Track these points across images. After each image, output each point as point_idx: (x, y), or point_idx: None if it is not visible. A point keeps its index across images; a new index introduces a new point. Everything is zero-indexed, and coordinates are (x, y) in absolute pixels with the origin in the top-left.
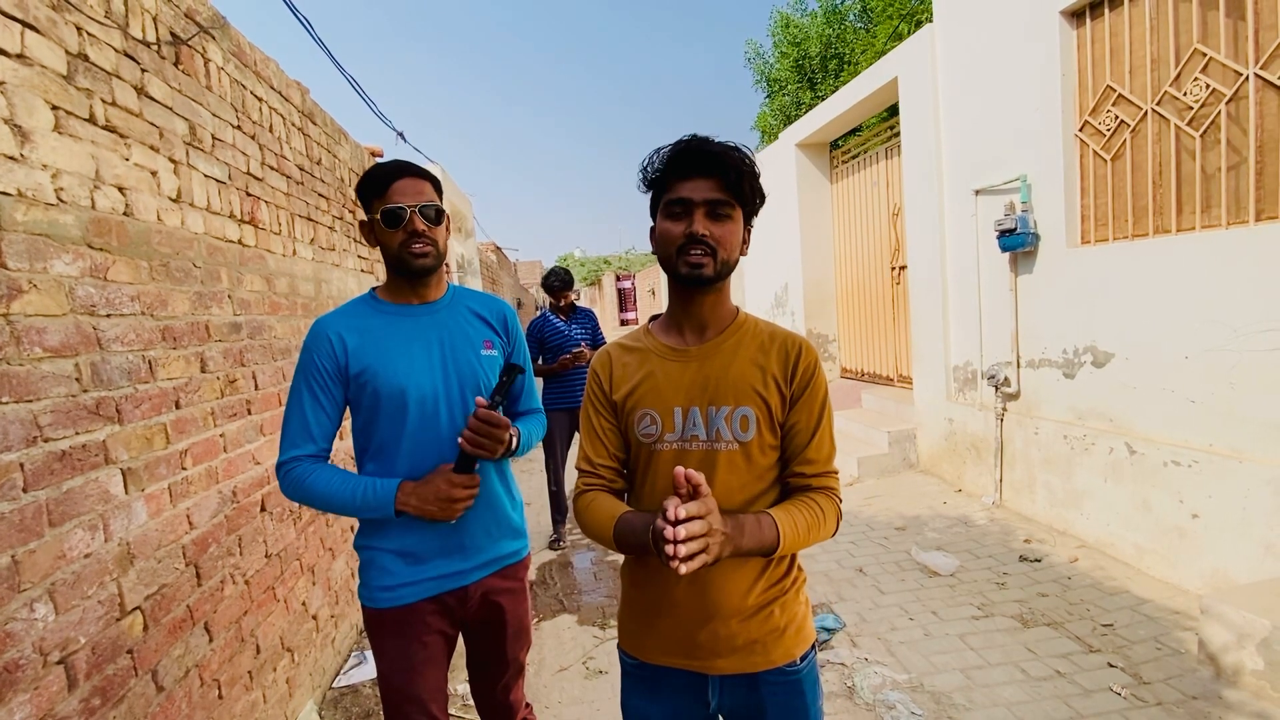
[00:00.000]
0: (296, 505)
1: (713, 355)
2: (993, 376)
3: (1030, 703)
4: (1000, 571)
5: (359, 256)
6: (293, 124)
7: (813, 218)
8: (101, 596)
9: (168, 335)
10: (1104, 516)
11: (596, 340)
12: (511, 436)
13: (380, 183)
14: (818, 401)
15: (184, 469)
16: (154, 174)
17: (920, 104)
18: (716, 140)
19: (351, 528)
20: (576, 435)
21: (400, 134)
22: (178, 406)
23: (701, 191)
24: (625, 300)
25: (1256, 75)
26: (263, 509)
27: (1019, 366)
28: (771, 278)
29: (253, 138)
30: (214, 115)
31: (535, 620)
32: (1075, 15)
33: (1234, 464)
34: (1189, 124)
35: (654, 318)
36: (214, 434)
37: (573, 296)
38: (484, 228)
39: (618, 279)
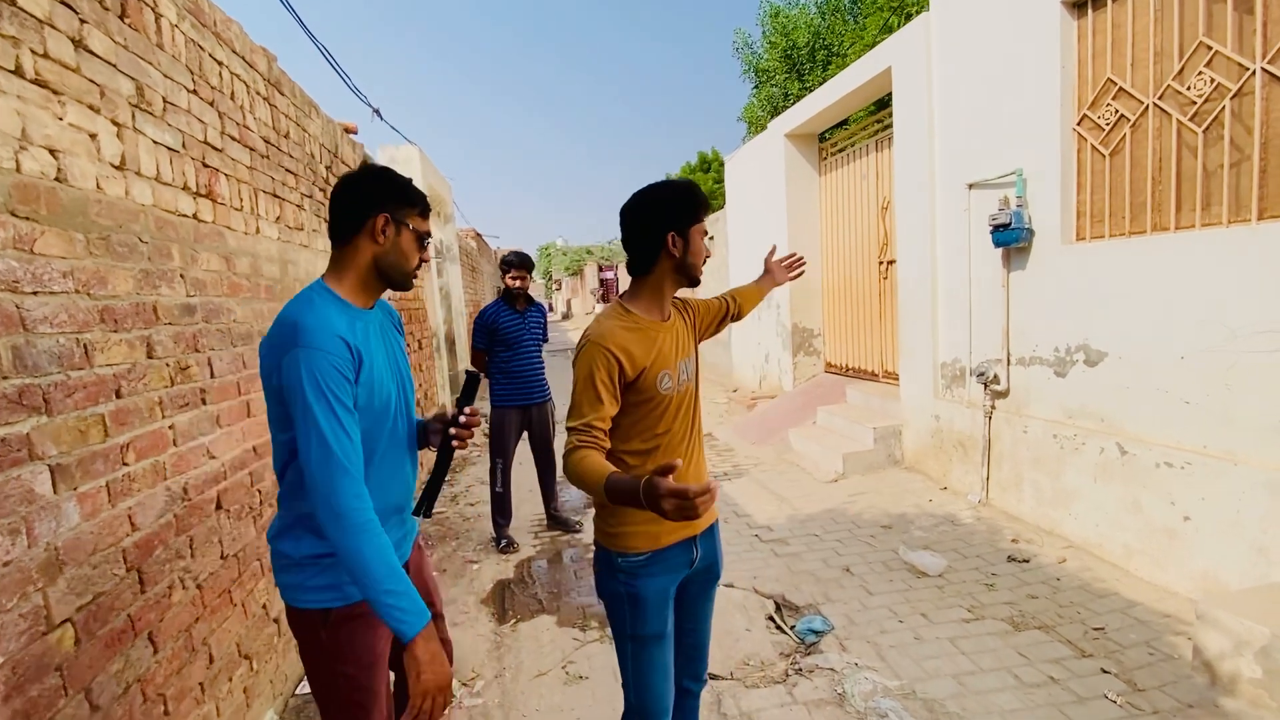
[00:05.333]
0: (257, 502)
1: (675, 324)
2: (982, 374)
3: (1025, 711)
4: (989, 572)
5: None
6: (257, 92)
7: (800, 210)
8: (24, 609)
9: (107, 316)
10: (1093, 517)
11: (545, 338)
12: None
13: (423, 204)
14: (701, 303)
15: (125, 464)
16: (93, 137)
17: (913, 95)
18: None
19: None
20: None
21: (376, 111)
22: (119, 395)
23: (705, 226)
24: (607, 290)
25: (1264, 70)
26: (218, 506)
27: (1009, 364)
28: (756, 269)
29: (211, 104)
30: (166, 77)
31: (512, 622)
32: (1076, 6)
33: (1228, 466)
34: (1191, 119)
35: (621, 297)
36: (162, 426)
37: (529, 283)
38: (464, 213)
39: (600, 269)
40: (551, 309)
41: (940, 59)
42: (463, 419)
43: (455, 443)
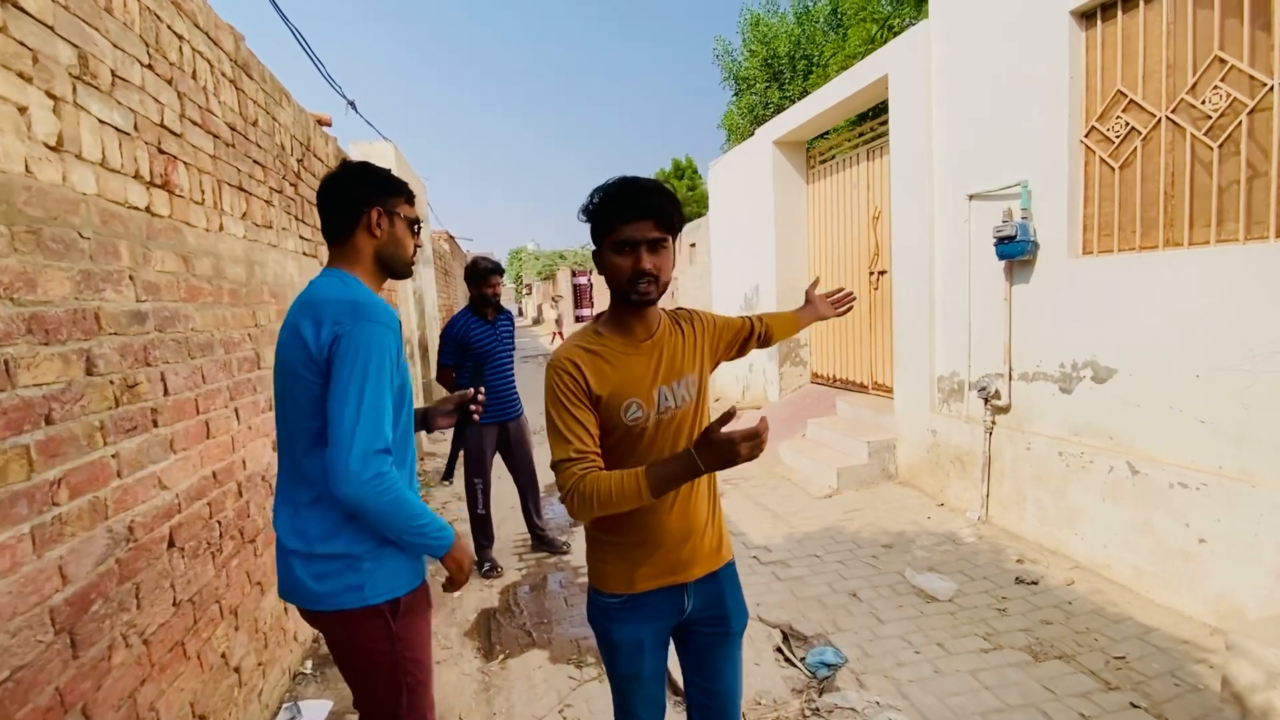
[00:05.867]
0: (217, 536)
1: (660, 345)
2: (983, 388)
3: None
4: (999, 595)
5: (301, 237)
6: (223, 73)
7: (788, 218)
8: None
9: (36, 326)
10: (1101, 537)
11: (513, 346)
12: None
13: (408, 191)
14: (719, 319)
15: (55, 505)
16: (22, 110)
17: (911, 104)
18: (646, 182)
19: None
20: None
21: (351, 103)
22: (49, 422)
23: (643, 231)
24: (581, 296)
25: None
26: (171, 545)
27: (1011, 379)
28: (741, 278)
29: (169, 82)
30: (115, 47)
31: (501, 658)
32: (1085, 16)
33: (1246, 488)
34: (1206, 134)
35: (598, 317)
36: (103, 455)
37: (500, 290)
38: (438, 215)
39: (574, 274)
40: (521, 314)
41: (940, 68)
42: (479, 397)
43: (474, 407)
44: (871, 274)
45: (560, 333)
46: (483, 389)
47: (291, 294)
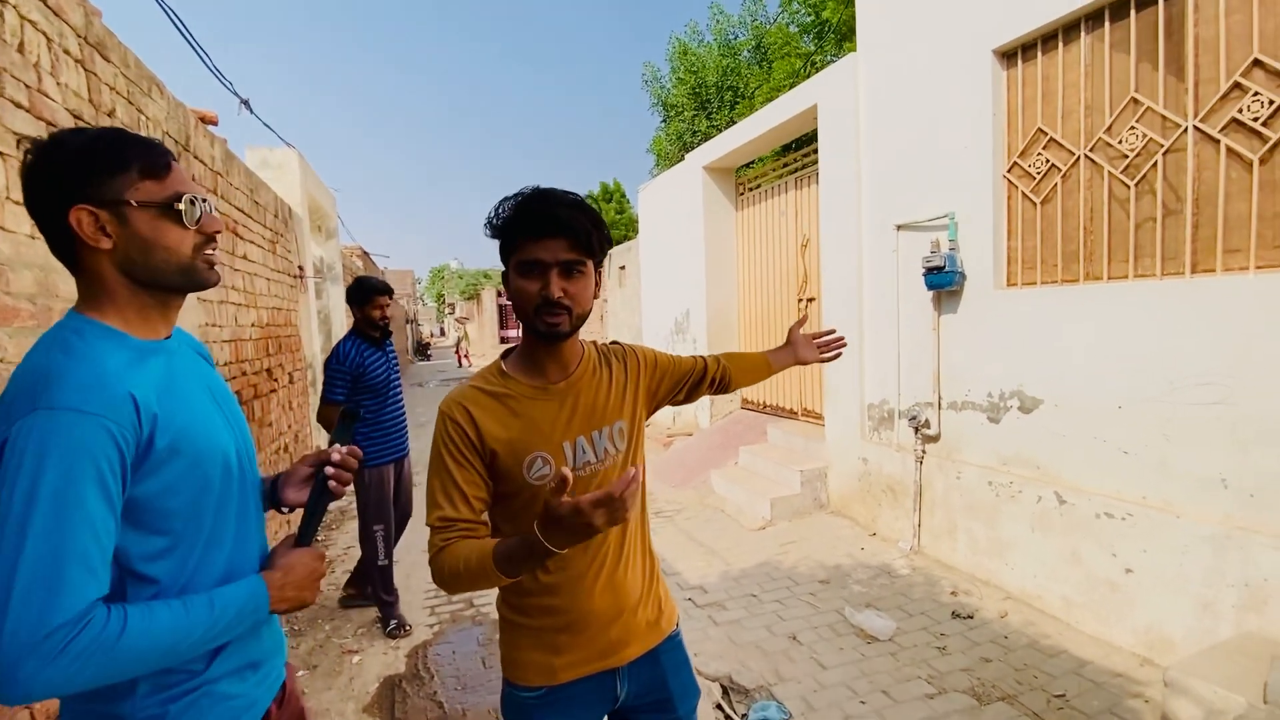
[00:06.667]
0: None
1: (578, 386)
2: (913, 417)
3: None
4: (937, 632)
5: None
6: (66, 50)
7: (718, 243)
8: None
9: None
10: (1031, 567)
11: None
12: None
13: (144, 155)
14: (660, 357)
15: None
16: None
17: (840, 134)
18: (561, 195)
19: None
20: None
21: (244, 102)
22: None
23: (554, 252)
24: (506, 317)
25: (1196, 128)
26: None
27: (940, 408)
28: (671, 302)
29: None
30: None
31: None
32: (1007, 55)
33: (1170, 518)
34: (1123, 172)
35: (506, 354)
36: None
37: (389, 312)
38: (349, 229)
39: (499, 294)
40: (443, 333)
41: (868, 100)
42: (337, 457)
43: (332, 483)
44: (800, 301)
45: (464, 355)
46: (341, 446)
47: None
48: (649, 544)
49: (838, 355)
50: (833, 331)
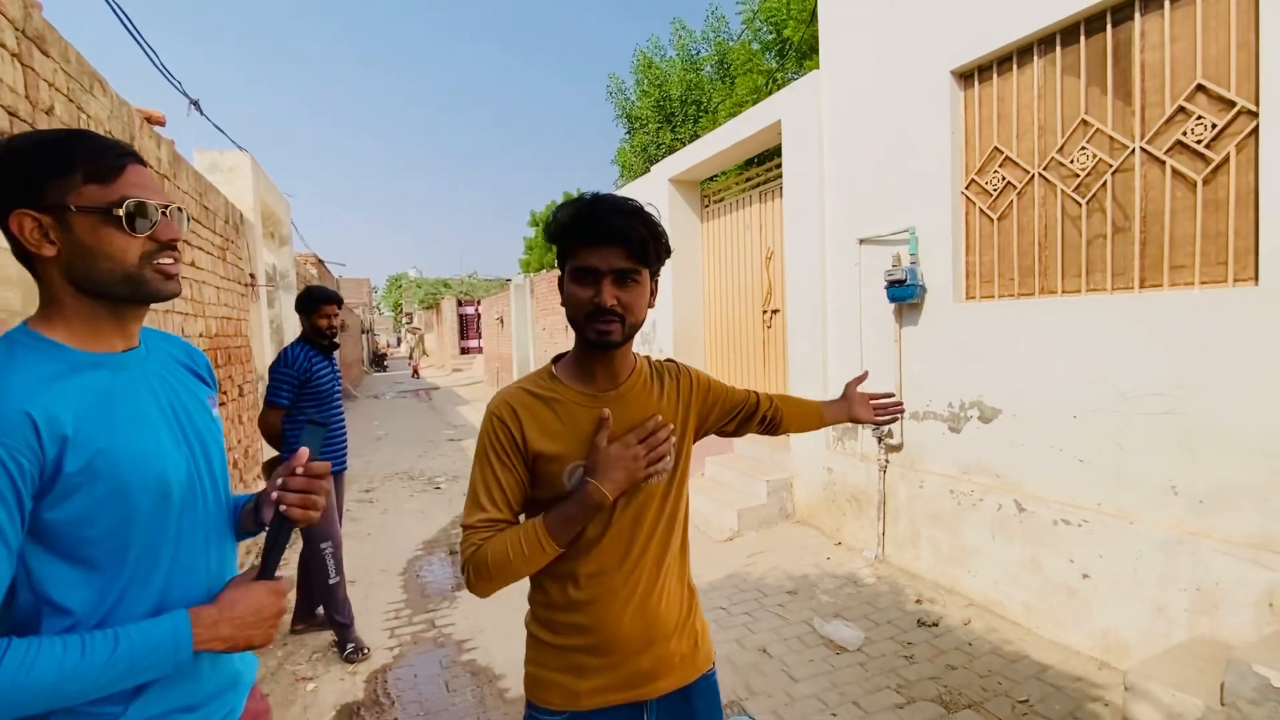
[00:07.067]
0: None
1: (628, 398)
2: (876, 427)
3: None
4: (904, 641)
5: None
6: (3, 45)
7: (684, 255)
8: None
9: None
10: (992, 574)
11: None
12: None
13: (88, 154)
14: (714, 383)
15: None
16: None
17: (804, 149)
18: (620, 202)
19: None
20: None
21: (194, 102)
22: None
23: (609, 261)
24: (467, 327)
25: (1143, 149)
26: None
27: (903, 418)
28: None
29: None
30: None
31: None
32: (964, 77)
33: (1125, 525)
34: (1075, 190)
35: (558, 358)
36: None
37: (337, 322)
38: (304, 236)
39: (459, 303)
40: (400, 343)
41: (831, 117)
42: (296, 474)
43: (284, 508)
44: (765, 312)
45: (416, 367)
46: (305, 464)
47: None
48: (689, 578)
49: (894, 420)
50: (891, 396)
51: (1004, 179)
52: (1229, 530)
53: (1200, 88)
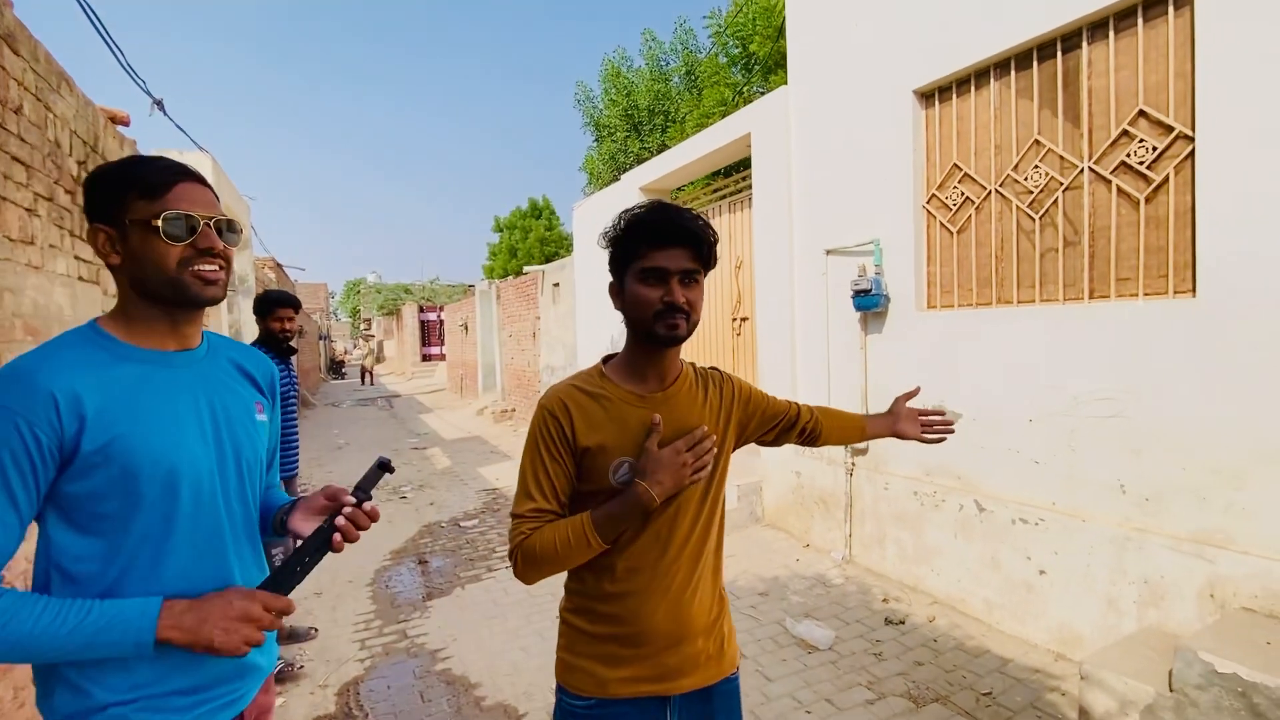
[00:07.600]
0: None
1: (675, 400)
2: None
3: None
4: (873, 639)
5: (78, 258)
6: None
7: None
8: None
9: None
10: (955, 573)
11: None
12: None
13: (143, 179)
14: (755, 392)
15: None
16: None
17: (773, 162)
18: (684, 209)
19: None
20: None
21: (158, 102)
22: None
23: (677, 262)
24: (429, 334)
25: (1091, 169)
26: None
27: None
28: (608, 319)
29: None
30: None
31: None
32: (926, 96)
33: (1077, 523)
34: (1029, 206)
35: (607, 359)
36: None
37: (293, 326)
38: (263, 240)
39: (421, 310)
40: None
41: (798, 131)
42: (364, 506)
43: (337, 536)
44: (734, 320)
45: (371, 372)
46: (369, 505)
47: (59, 329)
48: (721, 582)
49: (942, 440)
50: (942, 413)
51: (963, 194)
52: (1173, 526)
53: (1142, 113)
